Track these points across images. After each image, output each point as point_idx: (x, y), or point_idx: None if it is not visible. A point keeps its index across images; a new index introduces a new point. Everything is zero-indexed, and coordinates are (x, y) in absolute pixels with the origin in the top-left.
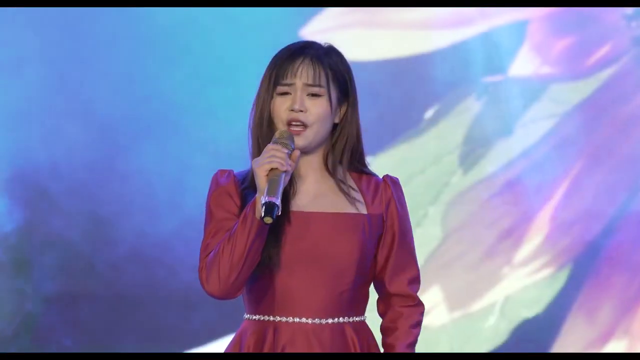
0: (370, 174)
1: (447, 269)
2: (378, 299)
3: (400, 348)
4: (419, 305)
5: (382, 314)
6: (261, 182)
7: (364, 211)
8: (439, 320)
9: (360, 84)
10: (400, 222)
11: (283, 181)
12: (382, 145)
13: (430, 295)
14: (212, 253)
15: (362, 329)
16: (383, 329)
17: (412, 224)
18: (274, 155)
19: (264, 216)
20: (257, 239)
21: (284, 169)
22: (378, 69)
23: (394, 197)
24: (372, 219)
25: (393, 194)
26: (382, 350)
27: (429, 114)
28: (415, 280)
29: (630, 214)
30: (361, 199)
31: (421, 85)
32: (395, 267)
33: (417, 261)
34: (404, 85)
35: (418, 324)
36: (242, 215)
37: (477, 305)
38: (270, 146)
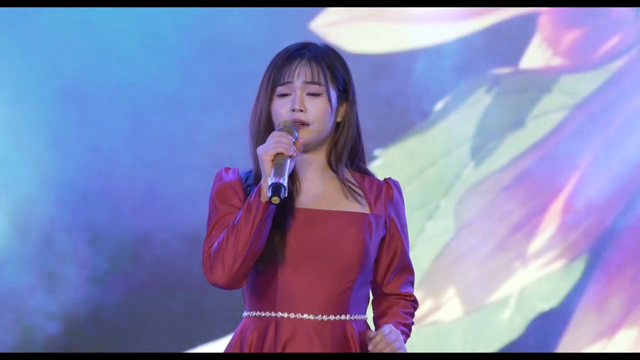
0: (372, 176)
1: (460, 262)
2: (374, 299)
3: (389, 320)
4: (415, 301)
5: (376, 309)
6: (267, 167)
7: (367, 211)
8: (453, 314)
9: (369, 77)
10: (403, 226)
11: (289, 166)
12: (392, 138)
13: (443, 289)
14: (215, 243)
15: (363, 328)
16: (376, 317)
17: (424, 217)
18: (280, 141)
19: (272, 196)
20: (262, 225)
21: (290, 153)
22: (387, 61)
23: (396, 200)
24: (375, 219)
25: (395, 197)
26: None
27: (439, 106)
28: (413, 283)
29: None
30: (364, 199)
31: (431, 77)
32: (397, 270)
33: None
34: (414, 78)
35: (411, 314)
36: (246, 202)
37: (492, 299)
38: (275, 132)
